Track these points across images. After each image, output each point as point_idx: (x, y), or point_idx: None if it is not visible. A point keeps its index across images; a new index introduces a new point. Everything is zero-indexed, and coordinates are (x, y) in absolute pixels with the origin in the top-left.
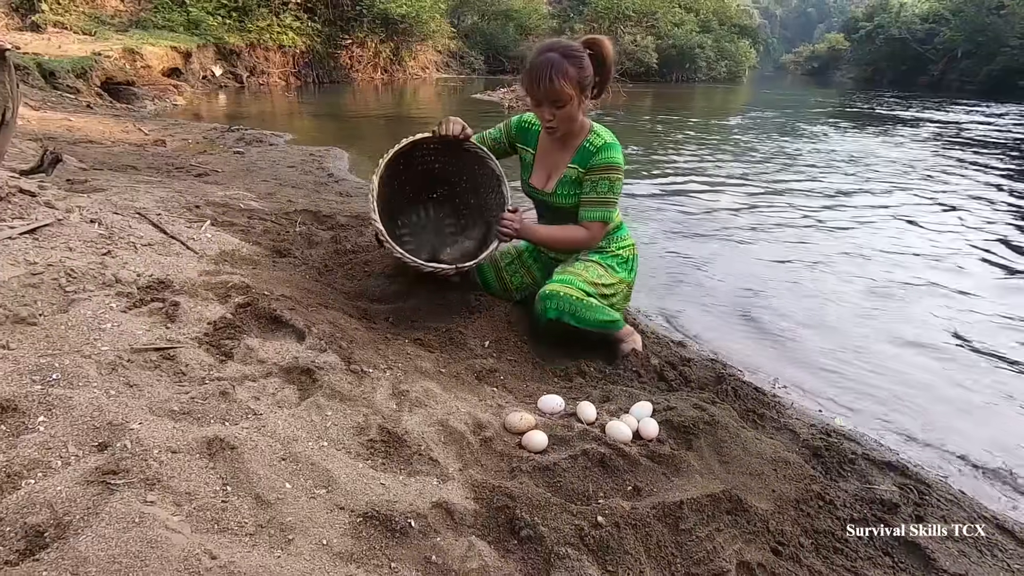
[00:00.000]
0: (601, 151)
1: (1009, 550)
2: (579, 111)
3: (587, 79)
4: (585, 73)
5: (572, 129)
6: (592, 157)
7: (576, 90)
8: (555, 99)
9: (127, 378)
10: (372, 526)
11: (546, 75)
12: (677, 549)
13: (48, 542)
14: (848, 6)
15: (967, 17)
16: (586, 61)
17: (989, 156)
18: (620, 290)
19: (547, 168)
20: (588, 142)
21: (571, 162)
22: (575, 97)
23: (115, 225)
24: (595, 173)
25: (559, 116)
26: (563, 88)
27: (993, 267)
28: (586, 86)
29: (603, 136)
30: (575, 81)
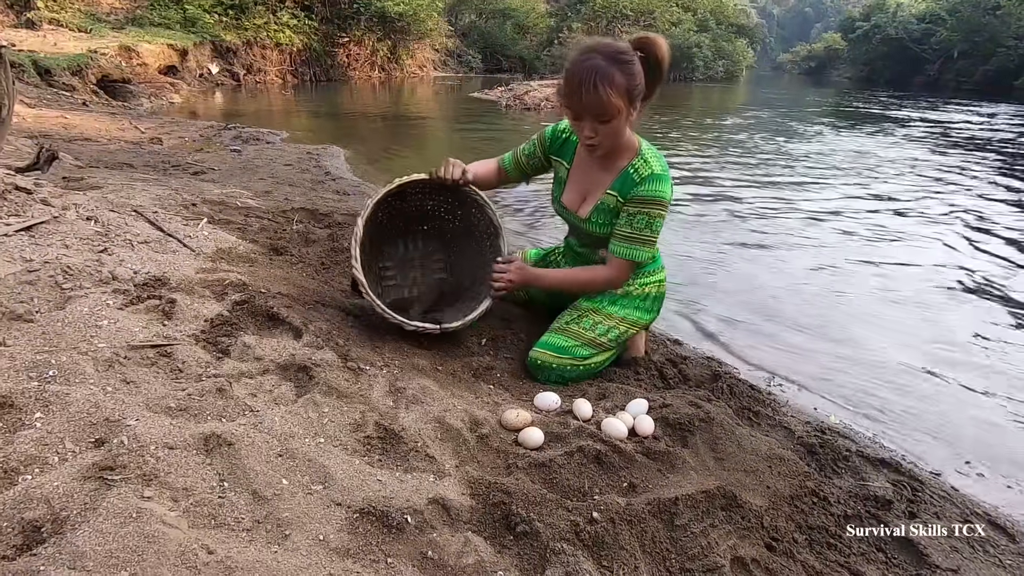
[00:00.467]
0: (646, 182)
1: (1001, 546)
2: (626, 125)
3: (637, 88)
4: (635, 81)
5: (617, 146)
6: (635, 187)
7: (625, 102)
8: (600, 113)
9: (124, 375)
10: (368, 522)
11: (590, 84)
12: (672, 545)
13: (45, 537)
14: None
15: (963, 17)
16: (637, 66)
17: (990, 158)
18: (630, 333)
19: (583, 187)
20: (633, 168)
21: (611, 187)
22: (623, 110)
23: (111, 222)
24: (634, 205)
25: (603, 132)
26: (610, 100)
27: (989, 266)
28: (636, 96)
29: (651, 164)
30: (624, 91)
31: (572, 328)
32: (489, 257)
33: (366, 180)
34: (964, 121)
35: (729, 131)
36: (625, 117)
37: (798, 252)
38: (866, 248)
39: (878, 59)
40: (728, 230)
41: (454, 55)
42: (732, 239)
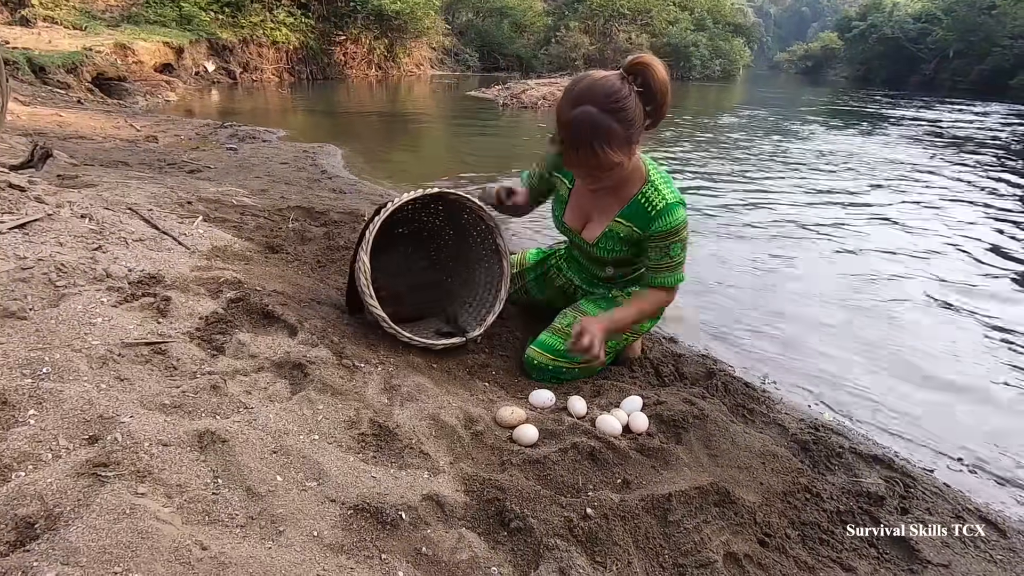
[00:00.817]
0: (663, 215)
1: (992, 541)
2: (631, 163)
3: (636, 129)
4: (633, 125)
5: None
6: (653, 221)
7: (626, 149)
8: (599, 168)
9: (118, 372)
10: (363, 518)
11: (587, 146)
12: (665, 540)
13: (39, 533)
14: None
15: (959, 17)
16: (632, 106)
17: (985, 156)
18: (629, 341)
19: (586, 209)
20: (644, 198)
21: (620, 215)
22: (624, 159)
23: (106, 220)
24: (662, 239)
25: (605, 179)
26: (609, 157)
27: (984, 265)
28: (635, 136)
29: (663, 192)
30: (622, 141)
31: (564, 329)
32: (486, 254)
33: (363, 178)
34: (958, 120)
35: (725, 130)
36: (628, 160)
37: (792, 250)
38: (860, 246)
39: (874, 58)
40: (723, 229)
41: (451, 53)
42: (727, 238)
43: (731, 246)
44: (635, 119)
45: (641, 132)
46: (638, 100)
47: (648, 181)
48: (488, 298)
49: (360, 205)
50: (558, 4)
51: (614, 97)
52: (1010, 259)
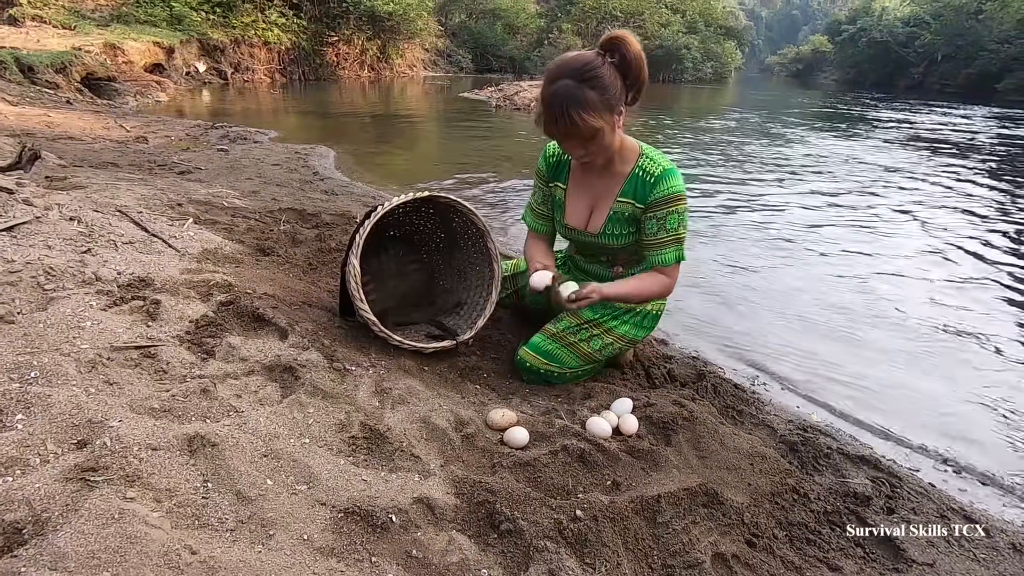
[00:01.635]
0: (661, 180)
1: (975, 540)
2: (616, 135)
3: (614, 96)
4: (609, 92)
5: (615, 152)
6: (652, 189)
7: (605, 115)
8: (582, 136)
9: (107, 376)
10: (353, 521)
11: (563, 114)
12: (654, 541)
13: (26, 538)
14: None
15: (947, 21)
16: (606, 74)
17: (973, 159)
18: (624, 350)
19: (586, 202)
20: (641, 169)
21: (622, 194)
22: (605, 125)
23: (95, 223)
24: (660, 208)
25: (592, 149)
26: (587, 123)
27: (973, 269)
28: (615, 104)
29: (658, 161)
30: (599, 106)
31: (568, 338)
32: (477, 258)
33: (355, 180)
34: (945, 124)
35: (716, 132)
36: (611, 128)
37: (783, 253)
38: (850, 250)
39: (864, 62)
40: (715, 231)
41: (444, 55)
42: (719, 240)
43: (722, 248)
44: (610, 86)
45: (621, 101)
46: (614, 71)
47: (642, 154)
48: (479, 301)
49: (352, 207)
50: (551, 6)
51: (586, 67)
52: (1000, 262)
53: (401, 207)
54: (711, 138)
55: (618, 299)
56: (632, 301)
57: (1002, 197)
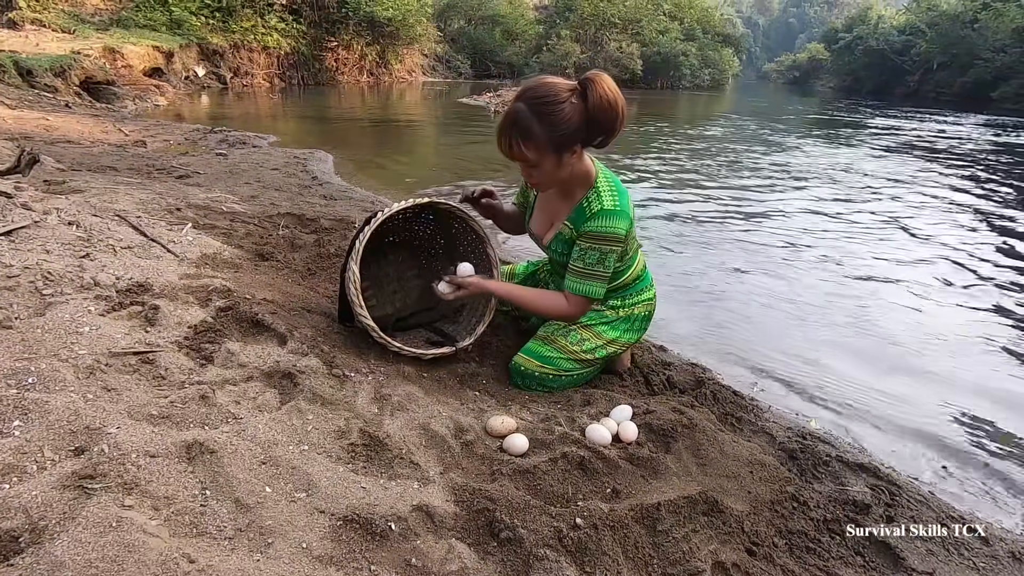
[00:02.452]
0: (596, 218)
1: (975, 549)
2: (564, 169)
3: (562, 134)
4: (559, 130)
5: (565, 182)
6: (587, 221)
7: (544, 151)
8: (521, 161)
9: (105, 382)
10: (352, 529)
11: (506, 136)
12: (654, 550)
13: (23, 547)
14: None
15: (942, 30)
16: (564, 113)
17: (971, 168)
18: (617, 353)
19: (548, 214)
20: (587, 200)
21: (568, 218)
22: (545, 159)
23: (94, 227)
24: (586, 240)
25: (536, 175)
26: (524, 153)
27: (969, 276)
28: (564, 143)
29: (603, 199)
30: (542, 141)
31: (559, 340)
32: (477, 264)
33: (354, 185)
34: (941, 132)
35: (713, 140)
36: (554, 163)
37: (782, 261)
38: (849, 257)
39: (860, 69)
40: (715, 239)
41: (443, 60)
42: (717, 247)
43: (719, 254)
44: (561, 124)
45: (572, 140)
46: (579, 111)
47: (594, 187)
48: (479, 307)
49: (351, 212)
50: (549, 13)
51: (545, 100)
52: (1002, 266)
53: (400, 213)
54: (707, 144)
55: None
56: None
57: (1000, 206)
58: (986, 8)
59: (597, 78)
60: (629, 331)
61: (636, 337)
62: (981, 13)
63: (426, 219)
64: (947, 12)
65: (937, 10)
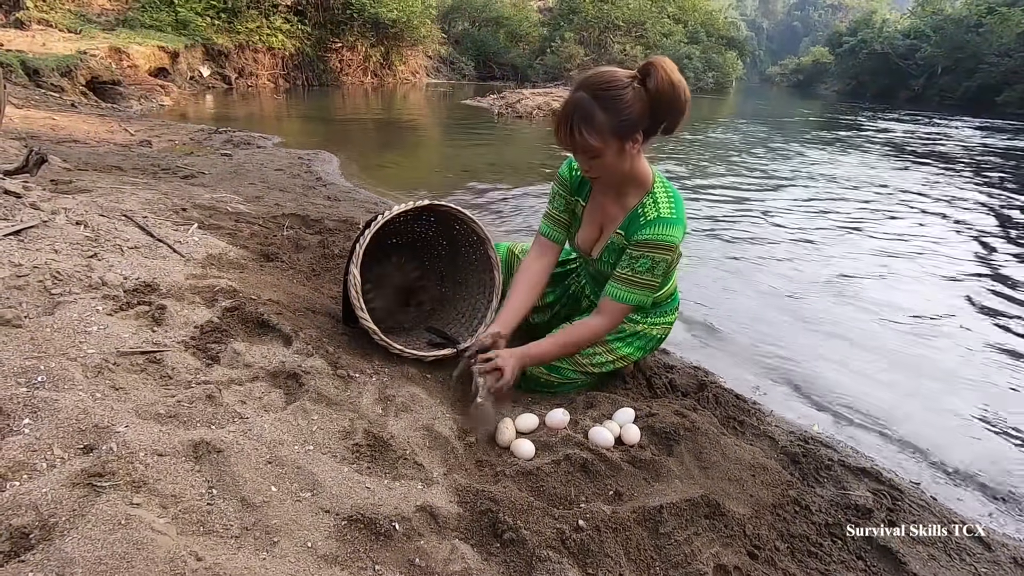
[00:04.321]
0: (652, 225)
1: (977, 554)
2: (626, 160)
3: (626, 122)
4: (622, 116)
5: (624, 179)
6: (641, 229)
7: (610, 139)
8: (584, 151)
9: (113, 381)
10: (357, 529)
11: (566, 125)
12: (656, 552)
13: (33, 543)
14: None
15: (947, 34)
16: (626, 99)
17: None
18: (622, 367)
19: (597, 223)
20: (642, 207)
21: (620, 227)
22: (608, 148)
23: (101, 227)
24: (638, 248)
25: (596, 167)
26: (588, 142)
27: (973, 282)
28: (627, 130)
29: (660, 205)
30: (606, 129)
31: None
32: (479, 265)
33: (358, 186)
34: (947, 136)
35: (715, 144)
36: (617, 152)
37: (784, 265)
38: (852, 261)
39: (864, 73)
40: (715, 242)
41: (447, 62)
42: (718, 251)
43: (722, 259)
44: (624, 110)
45: (635, 127)
46: (640, 97)
47: (651, 192)
48: (480, 307)
49: (355, 213)
50: (553, 15)
51: (606, 86)
52: (1003, 274)
53: (401, 215)
54: (707, 147)
55: (549, 356)
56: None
57: (1005, 208)
58: (991, 12)
59: (658, 61)
60: (641, 349)
61: (643, 355)
62: (986, 17)
63: (428, 220)
64: (952, 16)
65: (942, 14)
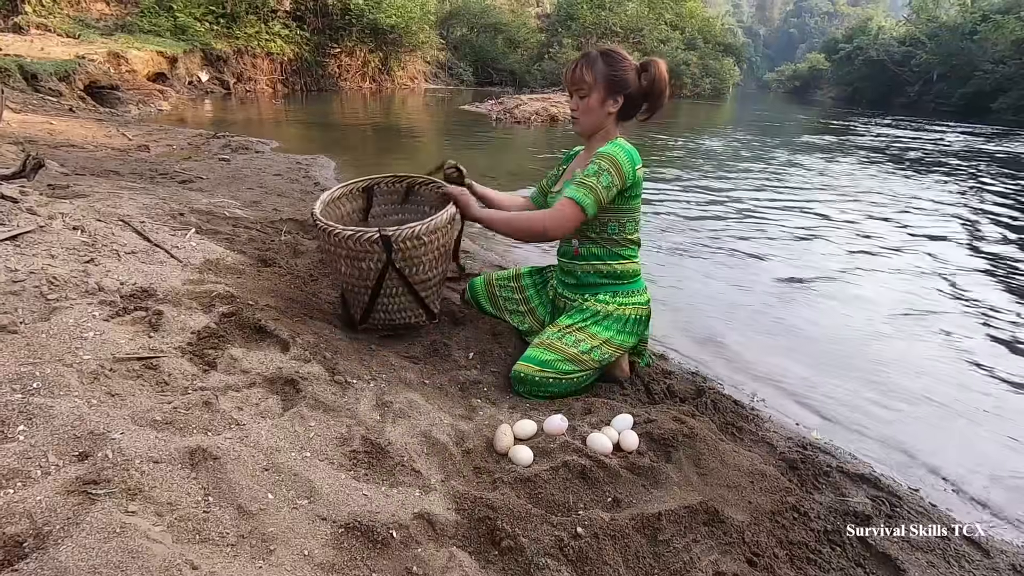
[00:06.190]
0: (606, 148)
1: (976, 561)
2: (602, 111)
3: (617, 80)
4: (616, 73)
5: (596, 133)
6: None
7: (600, 84)
8: (577, 86)
9: (109, 387)
10: (354, 536)
11: (576, 63)
12: (655, 560)
13: (27, 552)
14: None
15: (942, 41)
16: (625, 66)
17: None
18: (613, 356)
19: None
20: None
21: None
22: (595, 90)
23: (98, 232)
24: (591, 163)
25: (580, 107)
26: (583, 75)
27: (969, 286)
28: (615, 88)
29: (617, 141)
30: (601, 75)
31: (556, 343)
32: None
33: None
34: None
35: (713, 149)
36: (600, 99)
37: (784, 270)
38: (846, 266)
39: (860, 80)
40: (714, 246)
41: (445, 67)
42: (719, 255)
43: (717, 264)
44: (620, 72)
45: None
46: (635, 78)
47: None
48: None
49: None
50: (551, 21)
51: (615, 53)
52: (999, 276)
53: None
54: (705, 152)
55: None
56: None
57: (1007, 213)
58: (985, 20)
59: (656, 60)
60: (621, 333)
61: (630, 341)
62: (980, 25)
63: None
64: (947, 24)
65: (937, 22)
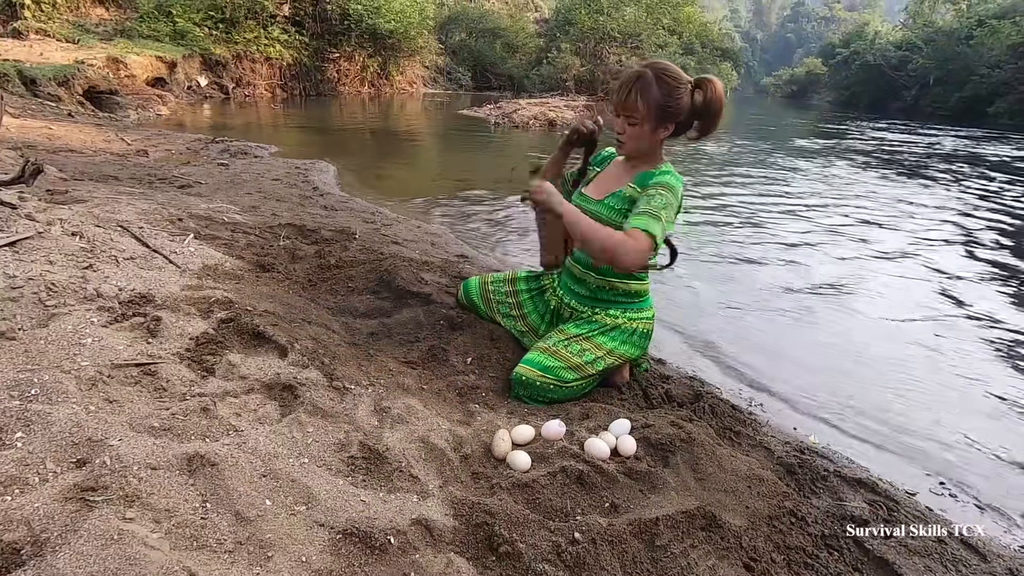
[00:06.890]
0: (660, 173)
1: (973, 565)
2: (651, 139)
3: (671, 108)
4: (671, 102)
5: (641, 155)
6: (651, 178)
7: (651, 112)
8: (629, 113)
9: (107, 394)
10: (351, 543)
11: (627, 86)
12: (652, 565)
13: (25, 559)
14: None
15: (938, 46)
16: (680, 93)
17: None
18: (615, 365)
19: (610, 180)
20: (654, 169)
21: (631, 180)
22: (647, 120)
23: (97, 238)
24: (652, 188)
25: (629, 132)
26: (636, 104)
27: (965, 291)
28: (667, 114)
29: (669, 169)
30: (655, 104)
31: (561, 351)
32: None
33: (354, 195)
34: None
35: (713, 153)
36: (651, 128)
37: (780, 275)
38: (844, 272)
39: (857, 84)
40: (711, 251)
41: (444, 72)
42: (716, 261)
43: (720, 269)
44: (675, 98)
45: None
46: (689, 100)
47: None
48: None
49: (351, 222)
50: (550, 26)
51: (671, 76)
52: (998, 280)
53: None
54: (703, 157)
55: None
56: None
57: (1003, 218)
58: (981, 25)
59: (712, 80)
60: (626, 344)
61: (634, 352)
62: (976, 30)
63: None
64: (943, 29)
65: (933, 26)
